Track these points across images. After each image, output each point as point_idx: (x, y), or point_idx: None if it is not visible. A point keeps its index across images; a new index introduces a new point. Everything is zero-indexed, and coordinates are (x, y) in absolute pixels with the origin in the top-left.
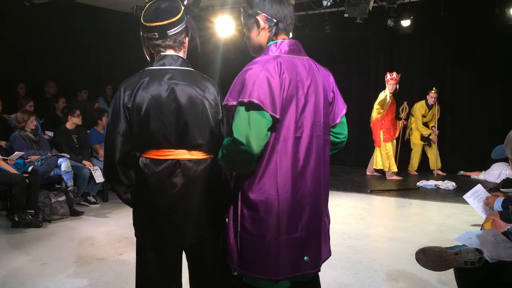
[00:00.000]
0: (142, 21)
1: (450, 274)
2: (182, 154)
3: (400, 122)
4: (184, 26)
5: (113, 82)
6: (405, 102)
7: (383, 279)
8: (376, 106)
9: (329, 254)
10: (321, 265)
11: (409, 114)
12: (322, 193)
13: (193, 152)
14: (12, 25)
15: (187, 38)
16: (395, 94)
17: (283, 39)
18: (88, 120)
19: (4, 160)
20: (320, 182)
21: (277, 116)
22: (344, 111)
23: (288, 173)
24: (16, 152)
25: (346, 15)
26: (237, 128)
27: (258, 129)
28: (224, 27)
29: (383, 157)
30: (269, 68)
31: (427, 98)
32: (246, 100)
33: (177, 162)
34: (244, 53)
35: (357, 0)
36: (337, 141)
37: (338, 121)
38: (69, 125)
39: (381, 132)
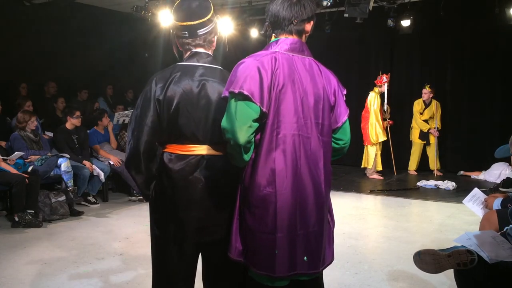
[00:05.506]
0: (174, 20)
1: (450, 274)
2: (206, 150)
3: (385, 122)
4: (213, 26)
5: (113, 82)
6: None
7: (383, 279)
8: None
9: (332, 258)
10: (322, 267)
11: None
12: (323, 193)
13: (217, 148)
14: (12, 25)
15: (215, 37)
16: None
17: (286, 37)
18: (88, 120)
19: (4, 160)
20: (320, 183)
21: (264, 109)
22: (346, 117)
23: (288, 171)
24: (16, 152)
25: (346, 15)
26: (225, 118)
27: (243, 119)
28: (224, 27)
29: (371, 155)
30: (262, 61)
31: (422, 95)
32: (236, 91)
33: (202, 157)
34: (244, 53)
35: (357, 0)
36: (337, 147)
37: (339, 125)
38: (68, 125)
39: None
